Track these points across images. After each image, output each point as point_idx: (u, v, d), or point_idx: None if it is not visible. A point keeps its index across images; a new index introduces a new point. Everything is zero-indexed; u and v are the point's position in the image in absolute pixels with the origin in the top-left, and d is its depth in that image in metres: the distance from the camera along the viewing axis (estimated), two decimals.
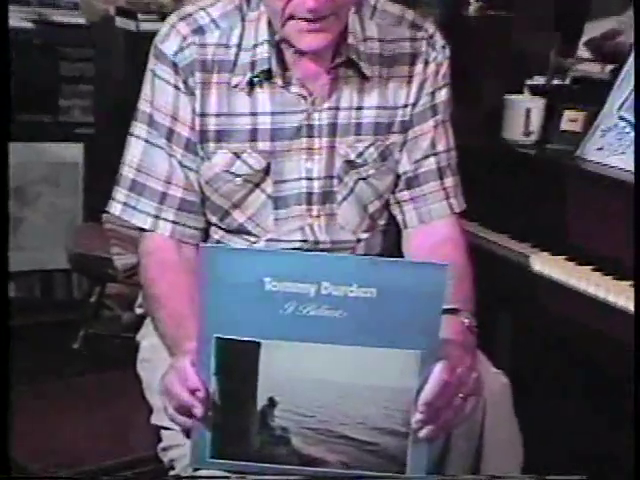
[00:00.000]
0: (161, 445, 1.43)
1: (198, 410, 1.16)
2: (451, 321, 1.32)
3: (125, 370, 1.58)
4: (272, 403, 1.17)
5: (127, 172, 1.49)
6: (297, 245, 1.49)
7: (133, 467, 1.53)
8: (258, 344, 1.15)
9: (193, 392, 1.16)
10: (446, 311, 1.27)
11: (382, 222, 1.59)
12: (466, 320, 1.36)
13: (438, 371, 1.16)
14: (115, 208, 1.50)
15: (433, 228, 1.55)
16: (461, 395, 1.20)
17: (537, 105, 2.00)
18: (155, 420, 1.45)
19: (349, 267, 1.13)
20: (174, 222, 1.48)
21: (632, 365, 1.35)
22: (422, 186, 1.55)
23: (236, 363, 1.16)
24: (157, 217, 1.47)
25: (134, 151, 1.48)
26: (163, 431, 1.42)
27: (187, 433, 1.24)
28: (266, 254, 1.18)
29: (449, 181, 1.57)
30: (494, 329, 2.07)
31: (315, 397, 1.17)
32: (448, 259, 1.40)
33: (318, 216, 1.51)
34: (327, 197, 1.51)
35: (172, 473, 1.36)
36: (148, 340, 1.55)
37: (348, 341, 1.15)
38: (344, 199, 1.52)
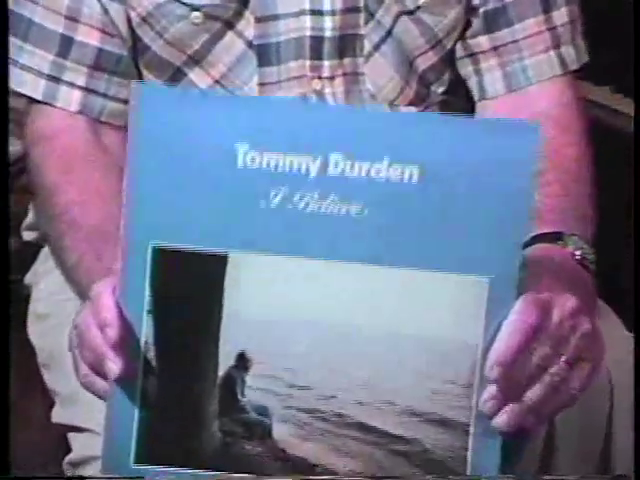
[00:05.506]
0: (69, 458, 1.35)
1: (113, 366, 1.01)
2: (550, 252, 1.22)
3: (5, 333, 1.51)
4: (243, 363, 1.03)
5: None
6: None
7: None
8: (223, 259, 1.01)
9: (105, 329, 1.02)
10: (543, 237, 1.20)
11: (440, 89, 1.45)
12: (577, 251, 1.23)
13: (521, 310, 1.00)
14: None
15: (529, 99, 1.41)
16: (564, 358, 1.03)
17: None
18: (58, 417, 1.39)
19: (375, 129, 1.00)
20: (86, 89, 1.36)
21: None
22: (513, 26, 1.40)
23: (185, 291, 1.02)
24: (56, 79, 1.36)
25: None
26: (72, 435, 1.35)
27: None
28: (240, 102, 1.09)
29: (560, 15, 1.41)
30: (630, 271, 2.03)
31: (313, 354, 1.02)
32: None
33: (332, 78, 1.38)
34: (347, 45, 1.37)
35: None
36: (46, 283, 1.47)
37: (369, 257, 1.01)
38: (376, 48, 1.38)
